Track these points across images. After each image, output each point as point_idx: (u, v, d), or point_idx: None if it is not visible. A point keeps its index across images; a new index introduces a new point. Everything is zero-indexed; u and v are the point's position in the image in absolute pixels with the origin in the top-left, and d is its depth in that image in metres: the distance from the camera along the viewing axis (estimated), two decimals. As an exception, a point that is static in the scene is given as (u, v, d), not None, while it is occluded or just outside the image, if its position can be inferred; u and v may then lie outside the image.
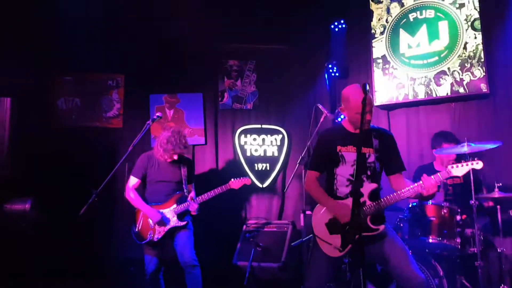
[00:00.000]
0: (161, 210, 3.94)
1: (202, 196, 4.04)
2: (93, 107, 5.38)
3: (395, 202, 2.79)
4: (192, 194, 4.16)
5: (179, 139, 3.97)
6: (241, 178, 4.19)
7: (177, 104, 5.47)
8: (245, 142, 5.43)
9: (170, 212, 3.96)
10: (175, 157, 4.00)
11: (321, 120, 4.61)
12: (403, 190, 2.76)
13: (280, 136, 5.48)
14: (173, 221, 3.94)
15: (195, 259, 3.92)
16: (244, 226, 4.88)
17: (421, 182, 2.70)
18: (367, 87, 2.56)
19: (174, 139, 3.95)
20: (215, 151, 5.44)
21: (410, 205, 3.66)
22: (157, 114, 3.92)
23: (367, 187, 2.80)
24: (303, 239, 3.98)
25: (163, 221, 3.90)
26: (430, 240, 3.45)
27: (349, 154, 2.86)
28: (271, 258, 4.45)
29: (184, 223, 3.96)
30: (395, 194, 2.77)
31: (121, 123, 5.41)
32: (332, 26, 5.22)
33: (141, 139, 3.79)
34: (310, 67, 5.45)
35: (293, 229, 4.76)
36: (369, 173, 2.84)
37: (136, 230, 3.95)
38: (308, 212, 4.28)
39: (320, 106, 4.62)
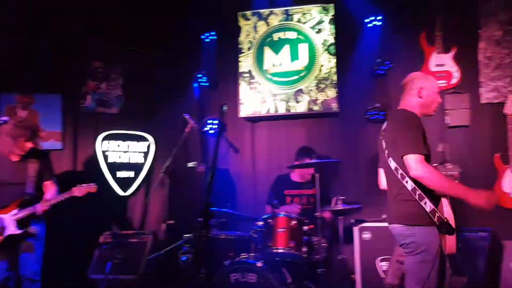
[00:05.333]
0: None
1: (48, 200, 3.69)
2: None
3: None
4: (51, 193, 3.76)
5: (23, 130, 3.60)
6: (86, 185, 3.84)
7: (32, 105, 5.05)
8: (108, 148, 5.22)
9: (8, 218, 3.58)
10: (19, 154, 3.63)
11: (186, 130, 4.64)
12: None
13: (147, 143, 5.38)
14: (11, 229, 3.56)
15: (36, 273, 3.59)
16: (102, 237, 4.67)
17: None
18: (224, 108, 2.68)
19: (16, 132, 3.56)
20: (73, 157, 5.13)
21: (264, 216, 3.86)
22: (3, 118, 3.55)
23: None
24: (161, 252, 3.95)
25: None
26: (280, 250, 3.67)
27: None
28: (129, 270, 4.33)
29: (21, 231, 3.58)
30: None
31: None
32: (203, 37, 5.28)
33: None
34: (181, 75, 5.43)
35: (154, 240, 4.69)
36: None
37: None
38: (169, 222, 4.27)
39: (186, 116, 4.64)
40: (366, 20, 4.81)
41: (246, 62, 5.11)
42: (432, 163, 4.40)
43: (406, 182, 2.63)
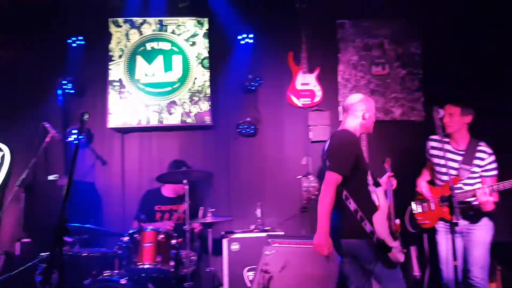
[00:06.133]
0: None
1: None
2: None
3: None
4: None
5: None
6: None
7: None
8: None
9: None
10: None
11: (46, 140, 4.30)
12: None
13: (1, 153, 4.85)
14: None
15: None
16: None
17: None
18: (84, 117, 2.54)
19: None
20: None
21: (130, 231, 3.71)
22: None
23: None
24: (12, 273, 3.57)
25: None
26: (146, 266, 3.56)
27: None
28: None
29: None
30: None
31: None
32: (70, 41, 4.96)
33: None
34: (43, 80, 5.01)
35: (7, 259, 4.23)
36: None
37: None
38: (25, 240, 3.89)
39: (47, 125, 4.31)
40: (239, 37, 4.97)
41: (116, 70, 4.92)
42: (298, 175, 4.77)
43: (350, 203, 2.79)
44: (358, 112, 2.99)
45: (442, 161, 3.30)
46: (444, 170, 3.40)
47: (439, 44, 4.92)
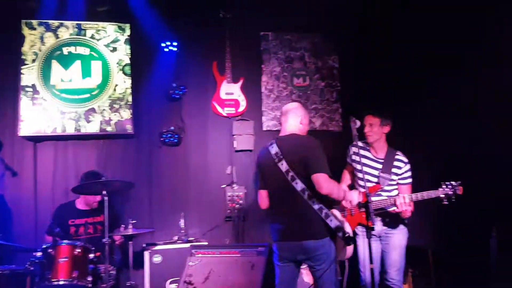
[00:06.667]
0: None
1: None
2: None
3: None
4: None
5: None
6: None
7: None
8: None
9: None
10: None
11: None
12: None
13: None
14: None
15: None
16: None
17: None
18: None
19: None
20: None
21: (44, 246, 3.48)
22: None
23: None
24: None
25: None
26: (61, 282, 3.35)
27: None
28: None
29: None
30: None
31: None
32: (-26, 42, 4.59)
33: None
34: None
35: None
36: None
37: None
38: None
39: None
40: (163, 44, 4.89)
41: (29, 75, 4.61)
42: (223, 185, 4.77)
43: (313, 202, 2.92)
44: (298, 117, 3.20)
45: (363, 168, 3.43)
46: (365, 177, 3.51)
47: (355, 57, 5.19)
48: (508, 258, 3.17)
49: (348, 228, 3.02)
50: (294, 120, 3.19)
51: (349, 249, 3.06)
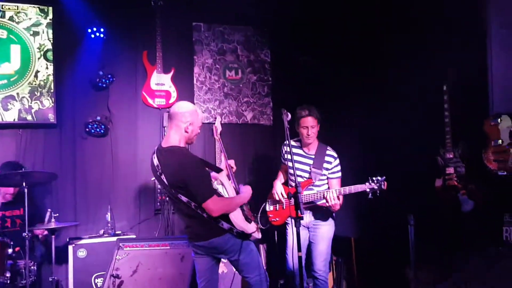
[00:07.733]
0: None
1: None
2: None
3: None
4: None
5: None
6: None
7: None
8: None
9: None
10: None
11: None
12: None
13: None
14: None
15: None
16: None
17: None
18: None
19: None
20: None
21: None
22: None
23: None
24: None
25: None
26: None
27: None
28: None
29: None
30: None
31: None
32: None
33: None
34: None
35: None
36: None
37: None
38: None
39: None
40: (89, 31, 4.67)
41: None
42: (152, 177, 4.64)
43: (201, 211, 2.85)
44: (182, 123, 2.92)
45: (296, 165, 3.49)
46: (297, 172, 3.58)
47: (286, 52, 5.28)
48: (424, 244, 3.42)
49: (242, 224, 3.00)
50: (177, 129, 2.93)
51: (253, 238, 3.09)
